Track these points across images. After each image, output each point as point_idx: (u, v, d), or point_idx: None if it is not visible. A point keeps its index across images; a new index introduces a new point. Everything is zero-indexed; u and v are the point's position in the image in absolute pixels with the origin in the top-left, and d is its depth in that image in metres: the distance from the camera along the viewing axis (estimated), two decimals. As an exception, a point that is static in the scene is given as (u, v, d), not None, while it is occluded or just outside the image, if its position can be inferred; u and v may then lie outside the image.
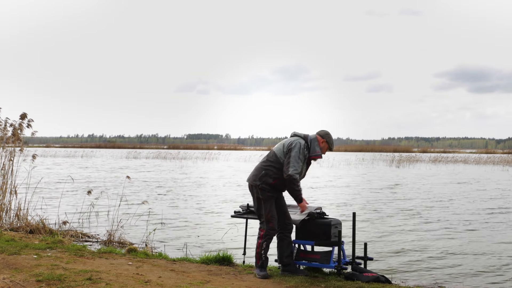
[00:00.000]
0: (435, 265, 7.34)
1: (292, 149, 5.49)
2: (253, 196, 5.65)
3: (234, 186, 20.10)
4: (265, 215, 5.52)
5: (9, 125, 8.99)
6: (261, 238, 5.56)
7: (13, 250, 6.43)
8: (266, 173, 5.53)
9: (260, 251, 5.55)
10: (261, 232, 5.56)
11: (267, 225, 5.52)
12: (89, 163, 39.20)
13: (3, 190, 8.68)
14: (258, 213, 5.63)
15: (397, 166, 40.57)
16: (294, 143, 5.54)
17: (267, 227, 5.53)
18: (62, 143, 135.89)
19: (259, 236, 5.58)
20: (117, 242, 8.04)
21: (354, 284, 5.26)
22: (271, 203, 5.54)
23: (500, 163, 46.78)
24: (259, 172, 5.58)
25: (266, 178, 5.52)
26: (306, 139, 5.64)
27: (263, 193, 5.52)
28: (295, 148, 5.49)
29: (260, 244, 5.55)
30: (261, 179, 5.53)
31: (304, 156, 5.54)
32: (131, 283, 5.02)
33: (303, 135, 5.70)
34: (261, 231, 5.57)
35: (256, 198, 5.59)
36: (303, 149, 5.53)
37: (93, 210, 10.37)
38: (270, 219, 5.52)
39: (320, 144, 5.66)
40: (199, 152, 68.37)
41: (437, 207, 14.04)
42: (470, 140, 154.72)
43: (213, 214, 12.26)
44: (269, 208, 5.53)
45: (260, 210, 5.56)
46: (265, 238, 5.54)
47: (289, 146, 5.53)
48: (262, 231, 5.56)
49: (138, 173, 27.53)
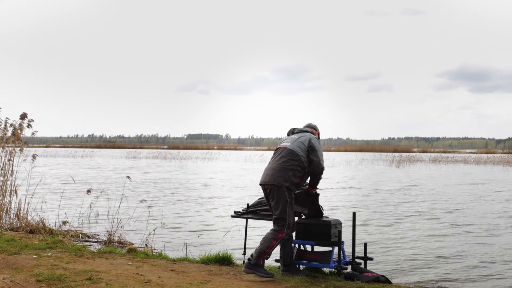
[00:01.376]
0: (435, 265, 7.34)
1: (314, 145, 5.59)
2: (276, 198, 5.44)
3: (234, 187, 20.11)
4: (289, 219, 5.40)
5: (9, 125, 9.00)
6: (276, 240, 5.38)
7: (13, 250, 6.43)
8: (293, 174, 5.44)
9: (269, 252, 5.40)
10: (279, 234, 5.39)
11: (287, 229, 5.40)
12: (92, 163, 39.20)
13: (3, 190, 8.68)
14: (279, 216, 5.42)
15: (397, 166, 40.55)
16: (312, 139, 5.66)
17: (287, 231, 5.41)
18: (62, 143, 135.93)
19: (275, 237, 5.38)
20: (117, 242, 8.04)
21: (354, 284, 5.26)
22: (293, 207, 5.49)
23: (500, 163, 46.78)
24: (286, 172, 5.42)
25: (293, 178, 5.43)
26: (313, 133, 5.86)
27: (291, 195, 5.43)
28: (317, 143, 5.63)
29: (273, 245, 5.38)
30: (289, 180, 5.41)
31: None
32: (131, 283, 5.02)
33: (310, 130, 5.87)
34: (280, 233, 5.39)
35: (282, 200, 5.41)
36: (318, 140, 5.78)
37: (93, 210, 10.38)
38: (292, 224, 5.46)
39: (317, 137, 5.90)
40: (199, 152, 68.36)
41: (443, 209, 14.04)
42: (470, 140, 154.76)
43: (213, 214, 12.26)
44: (292, 212, 5.46)
45: (284, 213, 5.40)
46: (279, 241, 5.41)
47: (310, 143, 5.60)
48: (281, 233, 5.39)
49: (138, 173, 27.53)
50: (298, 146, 5.56)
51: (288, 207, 5.42)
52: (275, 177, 5.44)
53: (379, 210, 13.22)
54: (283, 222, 5.41)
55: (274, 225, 5.49)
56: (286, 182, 5.40)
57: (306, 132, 5.77)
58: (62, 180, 20.86)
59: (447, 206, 14.24)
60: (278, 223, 5.44)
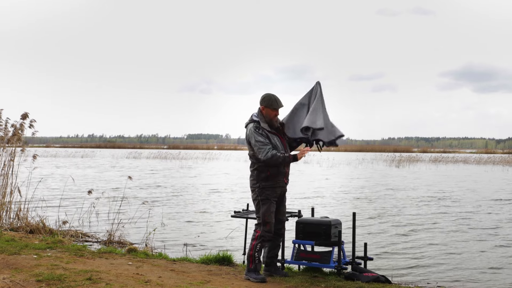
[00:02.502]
0: (435, 265, 7.34)
1: (250, 139, 5.42)
2: (253, 200, 5.55)
3: (234, 187, 20.10)
4: (262, 216, 5.41)
5: (10, 126, 9.00)
6: (255, 240, 5.42)
7: (13, 250, 6.43)
8: (258, 172, 5.44)
9: (253, 253, 5.39)
10: (256, 233, 5.44)
11: (263, 226, 5.41)
12: (92, 163, 39.21)
13: (3, 190, 8.68)
14: (256, 215, 5.53)
15: (397, 166, 40.55)
16: (247, 133, 5.48)
17: (263, 228, 5.41)
18: (62, 143, 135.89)
19: (254, 237, 5.45)
20: (117, 242, 8.05)
21: (354, 284, 5.26)
22: (269, 205, 5.44)
23: (500, 163, 46.78)
24: (252, 176, 5.50)
25: (260, 176, 5.43)
26: (252, 120, 5.53)
27: (262, 193, 5.42)
28: (250, 136, 5.41)
29: (254, 245, 5.40)
30: (258, 179, 5.44)
31: (262, 133, 5.40)
32: (131, 283, 5.02)
33: (249, 119, 5.58)
34: (256, 232, 5.44)
35: (256, 201, 5.49)
36: (255, 129, 5.41)
37: (93, 210, 10.38)
38: (267, 221, 5.41)
39: (264, 112, 5.51)
40: (199, 152, 68.37)
41: (444, 210, 14.03)
42: (470, 140, 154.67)
43: (213, 214, 12.26)
44: (267, 209, 5.42)
45: (258, 211, 5.46)
46: (259, 240, 5.41)
47: (247, 138, 5.48)
48: (258, 232, 5.43)
49: (138, 173, 27.54)
50: (248, 145, 5.52)
51: (262, 205, 5.42)
52: (249, 183, 5.59)
53: (378, 210, 13.23)
54: (258, 221, 5.47)
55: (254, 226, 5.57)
56: (256, 183, 5.46)
57: (247, 125, 5.58)
58: (62, 180, 20.86)
59: (449, 207, 14.25)
60: (256, 223, 5.53)
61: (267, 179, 5.42)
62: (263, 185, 5.42)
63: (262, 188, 5.43)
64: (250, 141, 5.42)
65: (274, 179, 5.44)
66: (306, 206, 13.11)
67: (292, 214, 6.34)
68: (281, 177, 5.47)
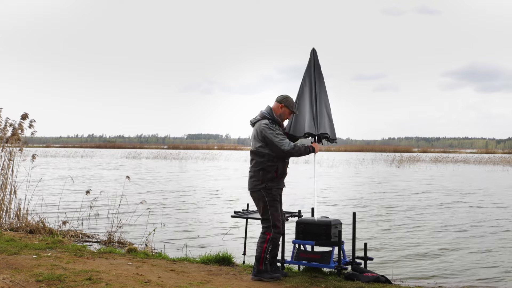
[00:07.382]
0: (435, 265, 7.34)
1: (265, 133, 5.33)
2: (257, 201, 5.47)
3: (234, 187, 20.10)
4: (272, 218, 5.38)
5: (9, 125, 8.99)
6: (266, 242, 5.37)
7: (13, 250, 6.43)
8: (264, 172, 5.36)
9: (265, 256, 5.38)
10: (267, 236, 5.38)
11: (274, 228, 5.38)
12: (92, 163, 39.21)
13: (3, 190, 8.68)
14: (263, 217, 5.45)
15: (397, 166, 40.56)
16: (259, 128, 5.38)
17: (273, 230, 5.38)
18: (62, 143, 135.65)
19: (264, 240, 5.39)
20: (117, 242, 8.04)
21: (354, 284, 5.26)
22: (276, 206, 5.42)
23: (500, 163, 46.78)
24: (257, 176, 5.39)
25: (267, 176, 5.37)
26: (264, 116, 5.47)
27: (269, 194, 5.37)
28: (266, 131, 5.33)
29: (266, 248, 5.36)
30: (263, 180, 5.37)
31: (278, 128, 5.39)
32: (131, 283, 5.02)
33: (258, 115, 5.53)
34: (267, 234, 5.38)
35: (261, 202, 5.41)
36: (271, 125, 5.38)
37: (93, 210, 10.38)
38: (277, 223, 5.40)
39: (279, 111, 5.49)
40: (199, 152, 68.36)
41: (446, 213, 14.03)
42: (470, 140, 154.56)
43: (213, 214, 12.26)
44: (275, 211, 5.41)
45: (266, 213, 5.39)
46: (270, 242, 5.38)
47: (261, 134, 5.36)
48: (268, 235, 5.38)
49: (138, 173, 27.53)
50: (256, 141, 5.43)
51: (270, 207, 5.38)
52: (250, 184, 5.48)
53: (377, 210, 13.23)
54: (268, 223, 5.41)
55: (262, 228, 5.50)
56: (260, 184, 5.38)
57: (257, 121, 5.52)
58: (62, 180, 20.85)
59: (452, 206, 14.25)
60: (263, 225, 5.47)
61: (274, 179, 5.41)
62: (270, 186, 5.39)
63: (269, 189, 5.39)
64: (265, 136, 5.33)
65: (280, 179, 5.48)
66: (306, 206, 13.10)
67: (292, 214, 6.33)
68: (284, 177, 5.53)
